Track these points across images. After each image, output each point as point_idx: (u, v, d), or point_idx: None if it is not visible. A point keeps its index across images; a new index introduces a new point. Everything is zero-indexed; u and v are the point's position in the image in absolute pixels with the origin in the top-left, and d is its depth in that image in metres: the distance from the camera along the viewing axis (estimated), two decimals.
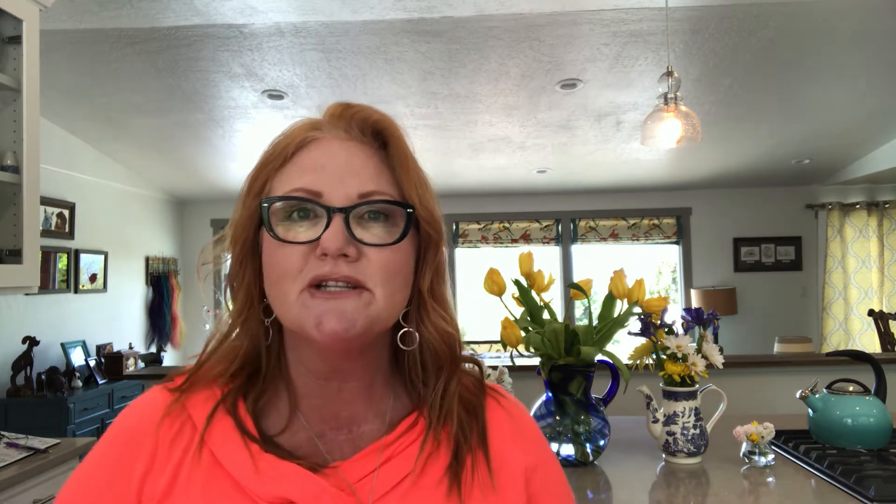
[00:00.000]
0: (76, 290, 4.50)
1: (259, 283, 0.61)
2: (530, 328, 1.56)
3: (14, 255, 2.07)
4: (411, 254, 0.61)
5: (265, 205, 0.58)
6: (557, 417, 1.54)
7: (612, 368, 1.59)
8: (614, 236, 6.30)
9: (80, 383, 4.06)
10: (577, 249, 6.35)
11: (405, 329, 0.62)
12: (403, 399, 0.65)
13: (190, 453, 0.58)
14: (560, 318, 1.58)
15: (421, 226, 0.61)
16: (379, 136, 0.61)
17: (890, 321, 4.61)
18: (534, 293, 1.56)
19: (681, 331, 1.60)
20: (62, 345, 4.19)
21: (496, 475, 0.62)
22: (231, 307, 0.63)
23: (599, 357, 1.55)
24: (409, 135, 0.63)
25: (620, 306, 1.58)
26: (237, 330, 0.62)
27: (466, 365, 0.68)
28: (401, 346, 0.62)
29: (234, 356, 0.62)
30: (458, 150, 4.78)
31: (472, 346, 5.07)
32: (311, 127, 0.62)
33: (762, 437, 1.51)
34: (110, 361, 4.47)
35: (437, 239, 0.62)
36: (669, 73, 2.42)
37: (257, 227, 0.60)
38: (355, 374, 0.61)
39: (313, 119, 0.63)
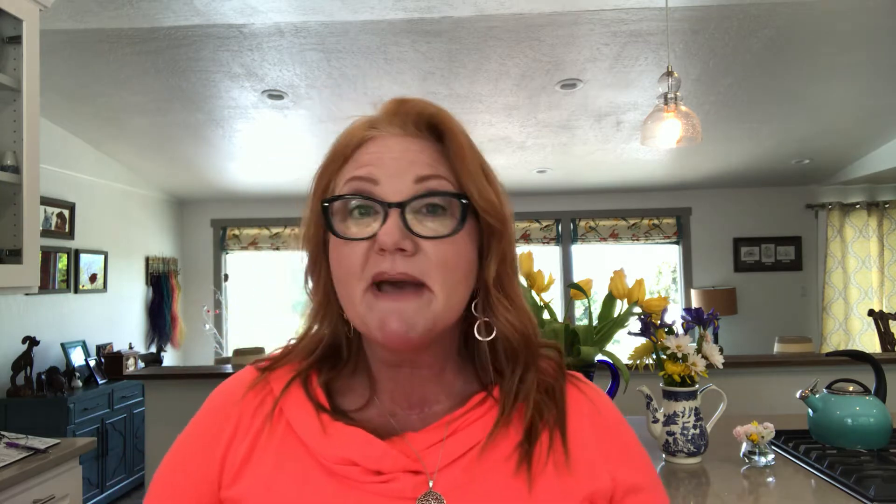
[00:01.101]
0: (76, 290, 4.50)
1: (332, 281, 0.63)
2: None
3: (14, 255, 2.08)
4: (473, 246, 0.61)
5: (325, 204, 0.60)
6: None
7: (612, 368, 1.59)
8: (614, 236, 6.30)
9: (80, 383, 4.06)
10: (577, 249, 6.34)
11: (479, 320, 0.62)
12: (474, 382, 0.66)
13: (269, 421, 0.62)
14: (560, 318, 1.58)
15: (481, 216, 0.60)
16: (435, 130, 0.62)
17: (890, 321, 4.61)
18: (534, 293, 1.57)
19: (681, 331, 1.60)
20: (62, 345, 4.19)
21: (573, 458, 0.61)
22: (311, 303, 0.66)
23: (599, 357, 1.56)
24: (467, 125, 0.64)
25: (620, 306, 1.58)
26: (316, 325, 0.66)
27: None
28: (476, 336, 0.63)
29: (316, 345, 0.66)
30: None
31: None
32: (368, 125, 0.63)
33: (762, 437, 1.51)
34: (110, 361, 4.47)
35: (501, 229, 0.62)
36: (669, 73, 2.42)
37: (325, 227, 0.62)
38: (425, 363, 0.63)
39: (371, 117, 0.64)
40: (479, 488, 0.58)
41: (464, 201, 0.59)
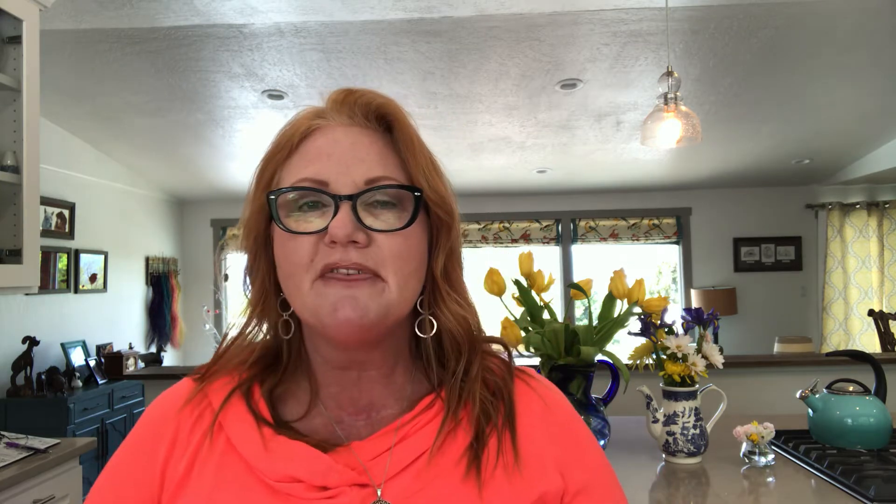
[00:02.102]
0: (76, 290, 4.50)
1: (273, 275, 0.61)
2: (530, 328, 1.57)
3: (14, 255, 2.08)
4: (424, 239, 0.60)
5: (272, 197, 0.57)
6: None
7: (612, 368, 1.59)
8: (614, 236, 6.30)
9: (80, 383, 4.06)
10: (577, 249, 6.34)
11: (424, 316, 0.61)
12: (423, 383, 0.64)
13: (208, 437, 0.59)
14: (560, 318, 1.58)
15: (431, 209, 0.60)
16: (383, 121, 0.60)
17: (890, 321, 4.61)
18: (534, 293, 1.57)
19: (681, 331, 1.60)
20: (62, 345, 4.19)
21: (523, 458, 0.59)
22: (248, 302, 0.64)
23: (599, 357, 1.55)
24: (413, 117, 0.62)
25: (620, 306, 1.58)
26: (254, 322, 0.63)
27: (493, 347, 0.67)
28: (418, 333, 0.62)
29: (252, 347, 0.64)
30: (458, 151, 4.78)
31: None
32: (314, 115, 0.61)
33: (762, 437, 1.51)
34: (110, 361, 4.47)
35: (449, 221, 0.61)
36: (669, 73, 2.42)
37: (268, 221, 0.60)
38: (374, 364, 0.61)
39: (317, 107, 0.62)
40: (430, 495, 0.56)
41: (416, 194, 0.58)
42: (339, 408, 0.62)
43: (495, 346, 0.67)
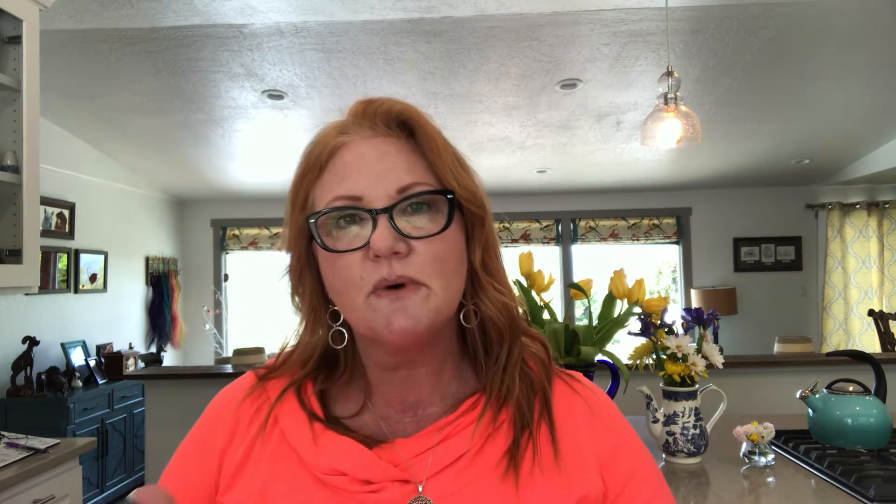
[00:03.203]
0: (76, 290, 4.50)
1: (320, 290, 0.64)
2: None
3: (14, 255, 2.08)
4: (461, 235, 0.62)
5: (311, 220, 0.59)
6: None
7: (612, 368, 1.59)
8: (614, 236, 6.30)
9: (80, 383, 4.06)
10: (577, 249, 6.35)
11: (467, 307, 0.63)
12: (471, 381, 0.66)
13: (264, 430, 0.63)
14: (560, 318, 1.58)
15: (464, 206, 0.61)
16: (405, 126, 0.62)
17: (890, 321, 4.61)
18: (534, 293, 1.57)
19: (681, 331, 1.60)
20: (62, 345, 4.19)
21: (563, 460, 0.60)
22: (298, 316, 0.66)
23: (599, 357, 1.56)
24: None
25: (620, 306, 1.58)
26: (308, 336, 0.66)
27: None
28: (463, 323, 0.63)
29: (310, 354, 0.66)
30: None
31: None
32: (338, 131, 0.62)
33: (762, 437, 1.51)
34: (110, 361, 4.47)
35: (482, 214, 0.63)
36: (669, 73, 2.42)
37: (309, 240, 0.62)
38: (425, 362, 0.63)
39: (339, 123, 0.63)
40: (468, 494, 0.58)
41: (449, 196, 0.59)
42: (388, 405, 0.64)
43: (534, 348, 0.68)
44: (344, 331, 0.63)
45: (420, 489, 0.58)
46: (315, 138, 0.63)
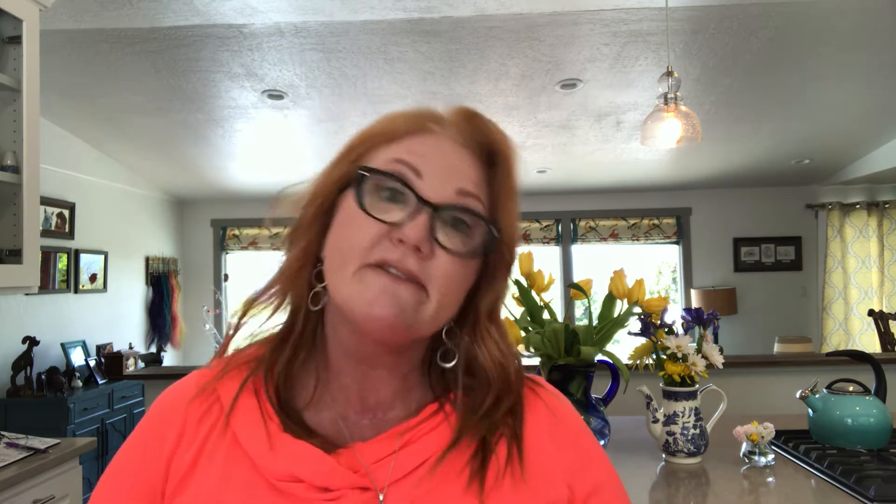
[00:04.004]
0: (76, 290, 4.50)
1: (317, 246, 0.60)
2: (530, 328, 1.57)
3: (14, 255, 2.08)
4: (475, 272, 0.60)
5: (364, 173, 0.57)
6: None
7: (612, 368, 1.59)
8: (614, 236, 6.30)
9: (80, 383, 4.06)
10: (577, 249, 6.35)
11: (445, 347, 0.61)
12: (430, 391, 0.64)
13: (215, 431, 0.59)
14: (560, 318, 1.58)
15: (498, 248, 0.60)
16: (491, 157, 0.61)
17: (890, 321, 4.61)
18: (534, 293, 1.57)
19: (681, 331, 1.60)
20: (62, 345, 4.19)
21: (528, 468, 0.59)
22: (283, 264, 0.63)
23: (599, 357, 1.56)
24: (522, 161, 0.63)
25: (620, 306, 1.58)
26: (277, 287, 0.62)
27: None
28: (439, 363, 0.61)
29: (264, 343, 0.64)
30: None
31: None
32: (431, 118, 0.61)
33: (762, 437, 1.51)
34: (110, 361, 4.47)
35: (510, 262, 0.62)
36: (669, 73, 2.42)
37: (340, 192, 0.59)
38: (388, 365, 0.61)
39: (434, 112, 0.62)
40: (431, 503, 0.56)
41: (494, 232, 0.58)
42: (348, 403, 0.61)
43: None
44: (322, 295, 0.60)
45: (381, 497, 0.55)
46: (406, 111, 0.61)
